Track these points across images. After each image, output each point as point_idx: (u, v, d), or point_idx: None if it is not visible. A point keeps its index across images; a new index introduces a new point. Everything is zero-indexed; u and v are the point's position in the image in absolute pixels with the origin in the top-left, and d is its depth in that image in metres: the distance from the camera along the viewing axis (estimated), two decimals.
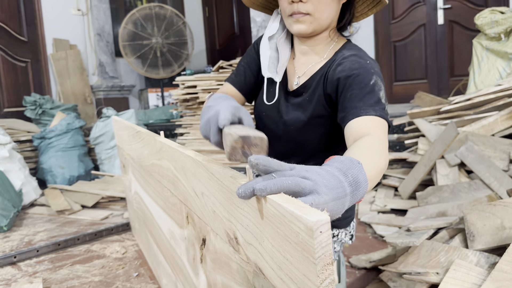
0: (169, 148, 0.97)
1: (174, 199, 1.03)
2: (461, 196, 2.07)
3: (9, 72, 4.34)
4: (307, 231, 0.42)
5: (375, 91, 0.99)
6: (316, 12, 1.04)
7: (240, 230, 0.62)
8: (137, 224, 1.93)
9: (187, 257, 1.01)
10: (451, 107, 2.48)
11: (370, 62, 1.04)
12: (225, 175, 0.64)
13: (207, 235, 0.82)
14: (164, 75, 5.15)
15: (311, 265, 0.43)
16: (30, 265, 1.91)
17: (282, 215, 0.48)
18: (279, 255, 0.51)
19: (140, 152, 1.40)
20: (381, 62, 5.13)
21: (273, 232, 0.51)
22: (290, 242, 0.47)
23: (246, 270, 0.64)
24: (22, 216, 2.76)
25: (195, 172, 0.80)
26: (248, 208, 0.58)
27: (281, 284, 0.52)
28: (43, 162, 3.54)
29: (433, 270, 1.27)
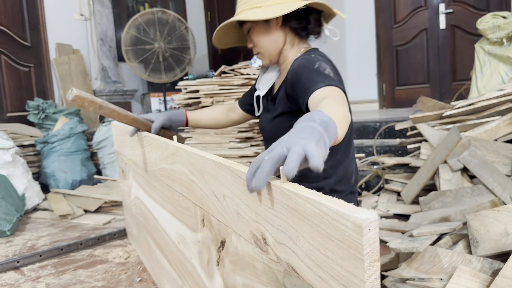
0: (185, 152, 0.98)
1: (187, 202, 1.03)
2: (464, 201, 2.06)
3: (12, 76, 4.36)
4: (356, 229, 0.44)
5: (320, 71, 1.13)
6: (262, 50, 1.33)
7: (270, 231, 0.63)
8: (135, 230, 1.92)
9: (200, 261, 1.01)
10: (454, 112, 2.48)
11: (314, 56, 1.21)
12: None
13: (227, 237, 0.82)
14: (166, 79, 5.16)
15: (358, 262, 0.45)
16: (33, 270, 1.91)
17: (324, 214, 0.49)
18: (318, 253, 0.52)
19: (147, 157, 1.41)
20: (383, 66, 5.14)
21: (312, 231, 0.52)
22: (333, 240, 0.48)
23: (275, 270, 0.65)
24: (25, 221, 2.76)
25: (217, 175, 0.80)
26: (281, 209, 0.59)
27: (319, 282, 0.53)
28: (46, 166, 3.55)
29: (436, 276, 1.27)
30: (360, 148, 3.26)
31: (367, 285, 0.45)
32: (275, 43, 1.32)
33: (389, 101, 5.16)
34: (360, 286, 0.45)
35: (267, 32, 1.31)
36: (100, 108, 1.29)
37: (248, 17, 1.23)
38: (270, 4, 1.23)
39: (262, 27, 1.30)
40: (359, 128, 3.66)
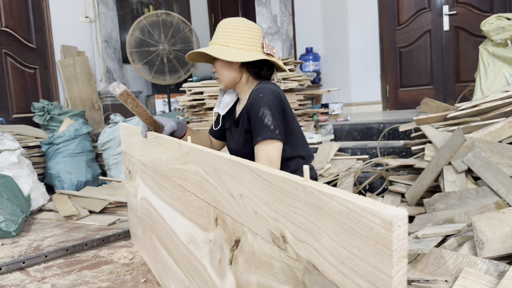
0: (200, 152, 0.99)
1: (200, 202, 1.04)
2: (469, 203, 2.06)
3: (18, 78, 4.38)
4: (385, 225, 0.45)
5: (262, 119, 1.47)
6: (221, 78, 1.63)
7: (290, 229, 0.64)
8: (139, 231, 1.93)
9: (211, 260, 1.02)
10: (458, 113, 2.48)
11: (262, 95, 1.50)
12: (275, 176, 0.67)
13: (242, 236, 0.83)
14: (170, 81, 5.18)
15: (386, 258, 0.46)
16: (38, 270, 1.93)
17: (351, 211, 0.50)
18: (342, 250, 0.53)
19: (157, 157, 1.42)
20: (386, 68, 5.14)
21: (337, 228, 0.53)
22: (360, 237, 0.49)
23: (294, 267, 0.65)
24: (30, 222, 2.78)
25: (234, 174, 0.82)
26: (304, 207, 0.60)
27: (342, 279, 0.54)
28: (51, 167, 3.57)
29: (441, 277, 1.27)
30: (363, 150, 3.26)
31: (395, 280, 0.45)
32: (232, 77, 1.62)
33: (392, 103, 5.16)
34: (387, 281, 0.46)
35: (228, 67, 1.60)
36: (137, 106, 1.51)
37: (215, 54, 1.51)
38: (237, 47, 1.54)
39: (224, 62, 1.59)
40: (362, 130, 3.67)
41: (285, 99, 1.58)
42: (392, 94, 5.15)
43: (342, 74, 5.46)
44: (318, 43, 5.63)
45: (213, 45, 1.58)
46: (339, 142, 3.57)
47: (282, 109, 1.52)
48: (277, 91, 1.54)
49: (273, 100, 1.49)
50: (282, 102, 1.53)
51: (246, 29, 1.57)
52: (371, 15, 5.20)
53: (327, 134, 3.67)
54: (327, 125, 3.76)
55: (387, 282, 0.46)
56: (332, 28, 5.52)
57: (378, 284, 0.48)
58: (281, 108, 1.51)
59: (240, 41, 1.55)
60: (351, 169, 3.00)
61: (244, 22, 1.59)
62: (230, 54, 1.52)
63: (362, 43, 5.31)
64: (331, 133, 3.73)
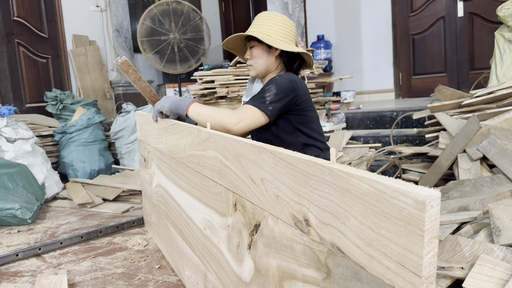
0: (220, 137, 1.00)
1: (219, 188, 1.05)
2: (484, 191, 2.04)
3: (30, 68, 4.41)
4: (418, 205, 0.45)
5: (265, 91, 1.51)
6: (255, 65, 1.68)
7: (315, 212, 0.64)
8: (154, 218, 1.95)
9: (228, 245, 1.03)
10: (473, 100, 2.45)
11: (278, 77, 1.56)
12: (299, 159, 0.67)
13: (262, 220, 0.84)
14: (181, 70, 5.17)
15: (417, 238, 0.46)
16: (54, 257, 1.95)
17: (381, 192, 0.50)
18: (369, 232, 0.53)
19: (174, 144, 1.42)
20: (399, 55, 5.07)
21: (365, 210, 0.53)
22: (389, 218, 0.49)
23: (317, 250, 0.66)
24: (45, 209, 2.81)
25: (256, 159, 0.82)
26: (329, 189, 0.60)
27: (368, 261, 0.54)
28: (64, 156, 3.60)
29: (457, 265, 1.26)
30: (376, 138, 3.24)
31: (425, 261, 0.45)
32: (268, 65, 1.68)
33: (405, 91, 5.10)
34: (417, 262, 0.46)
35: (266, 54, 1.66)
36: (139, 79, 1.55)
37: (261, 37, 1.58)
38: (277, 38, 1.61)
39: (264, 49, 1.65)
40: (375, 118, 3.64)
41: (303, 90, 1.59)
42: (405, 82, 5.09)
43: (354, 62, 5.41)
44: (330, 30, 5.57)
45: (254, 32, 1.62)
46: (351, 131, 3.55)
47: (292, 96, 1.54)
48: (295, 80, 1.56)
49: (285, 84, 1.53)
50: (295, 90, 1.55)
51: (286, 23, 1.64)
52: (383, 2, 5.12)
53: (339, 123, 3.65)
54: (339, 114, 3.74)
55: (417, 262, 0.46)
56: (344, 15, 5.46)
57: (407, 264, 0.48)
58: (290, 95, 1.54)
59: (280, 33, 1.62)
60: (363, 158, 2.98)
61: (283, 16, 1.66)
62: (274, 41, 1.58)
63: (375, 30, 5.25)
64: (343, 121, 3.71)
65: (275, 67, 1.70)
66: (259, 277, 0.88)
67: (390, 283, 0.52)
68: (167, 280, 1.60)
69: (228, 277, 1.07)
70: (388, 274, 0.52)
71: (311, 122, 1.65)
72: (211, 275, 1.20)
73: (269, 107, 1.49)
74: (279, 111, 1.52)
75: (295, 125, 1.61)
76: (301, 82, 1.60)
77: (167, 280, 1.60)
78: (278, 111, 1.52)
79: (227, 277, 1.08)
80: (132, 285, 1.58)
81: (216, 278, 1.16)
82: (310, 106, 1.64)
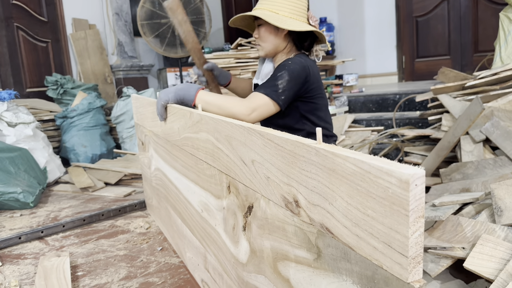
0: (211, 119, 0.98)
1: (212, 170, 1.04)
2: (486, 173, 2.03)
3: (30, 52, 4.38)
4: (401, 185, 0.44)
5: (277, 78, 1.45)
6: (264, 45, 1.60)
7: (304, 193, 0.64)
8: (155, 201, 1.95)
9: (225, 227, 1.02)
10: (476, 82, 2.41)
11: (291, 61, 1.50)
12: (287, 140, 0.66)
13: (255, 202, 0.83)
14: (182, 54, 5.13)
15: (402, 218, 0.45)
16: (56, 239, 1.96)
17: (366, 171, 0.49)
18: (356, 212, 0.53)
19: (169, 127, 1.41)
20: (402, 38, 5.02)
21: (351, 190, 0.53)
22: (374, 198, 0.49)
23: (307, 231, 0.65)
24: (47, 193, 2.82)
25: (246, 140, 0.81)
26: (317, 170, 0.59)
27: (356, 241, 0.54)
28: (65, 141, 3.60)
29: (459, 245, 1.25)
30: (378, 121, 3.22)
31: (411, 241, 0.44)
32: (276, 45, 1.60)
33: (408, 74, 5.05)
34: (403, 242, 0.45)
35: (274, 34, 1.57)
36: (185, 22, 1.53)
37: (266, 18, 1.49)
38: (286, 16, 1.51)
39: (272, 29, 1.57)
40: (377, 101, 3.61)
41: (315, 76, 1.54)
42: (408, 65, 5.04)
43: (357, 45, 5.35)
44: (332, 12, 5.50)
45: (260, 10, 1.53)
46: (353, 114, 3.53)
47: (303, 83, 1.50)
48: (307, 66, 1.50)
49: (298, 71, 1.47)
50: (307, 77, 1.50)
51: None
52: None
53: (341, 106, 3.63)
54: (341, 97, 3.71)
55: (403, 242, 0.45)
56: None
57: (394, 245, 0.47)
58: (301, 82, 1.49)
59: (289, 9, 1.52)
60: (365, 141, 2.97)
61: None
62: (281, 21, 1.49)
63: (378, 12, 5.17)
64: (345, 104, 3.68)
65: (284, 47, 1.61)
66: (255, 258, 0.88)
67: (378, 263, 0.51)
68: (169, 262, 1.60)
69: (226, 258, 1.07)
70: (376, 255, 0.51)
71: (319, 110, 1.60)
72: (211, 257, 1.20)
73: (281, 96, 1.43)
74: (291, 99, 1.48)
75: (302, 113, 1.56)
76: (313, 67, 1.55)
77: (169, 262, 1.60)
78: (290, 99, 1.48)
79: (225, 258, 1.08)
80: (134, 266, 1.58)
81: (215, 259, 1.16)
82: (320, 93, 1.58)
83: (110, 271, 1.57)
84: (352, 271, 0.56)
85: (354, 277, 0.56)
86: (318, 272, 0.64)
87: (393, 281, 0.48)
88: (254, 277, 0.89)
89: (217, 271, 1.17)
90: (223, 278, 1.12)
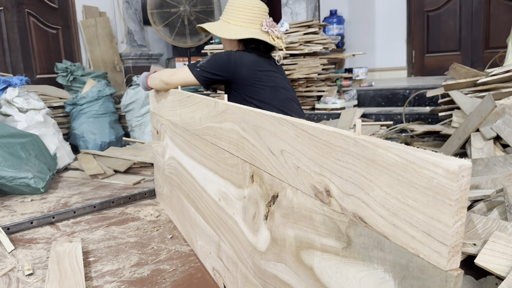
0: (238, 109, 0.99)
1: (235, 160, 1.05)
2: (496, 170, 2.03)
3: (40, 38, 4.40)
4: (448, 175, 0.45)
5: (201, 60, 1.70)
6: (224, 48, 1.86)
7: (337, 183, 0.65)
8: (166, 190, 1.96)
9: (244, 216, 1.04)
10: (489, 79, 2.41)
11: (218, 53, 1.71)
12: (323, 130, 0.67)
13: (280, 192, 0.84)
14: (191, 44, 5.13)
15: (446, 207, 0.46)
16: (67, 225, 1.99)
17: (409, 162, 0.50)
18: (395, 202, 0.53)
19: (189, 116, 1.42)
20: (413, 32, 4.99)
21: (391, 180, 0.54)
22: (417, 188, 0.50)
23: (338, 220, 0.66)
24: (57, 179, 2.85)
25: (276, 130, 0.82)
26: (354, 160, 0.60)
27: (392, 230, 0.55)
28: (75, 128, 3.62)
29: (470, 241, 1.26)
30: (388, 116, 3.22)
31: (453, 230, 0.45)
32: (232, 48, 1.79)
33: (417, 69, 5.03)
34: (444, 231, 0.46)
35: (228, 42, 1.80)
36: None
37: (212, 31, 1.76)
38: (236, 24, 1.73)
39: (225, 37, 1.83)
40: (387, 96, 3.60)
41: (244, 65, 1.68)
42: (418, 59, 5.01)
43: (367, 39, 5.33)
44: (343, 5, 5.47)
45: (219, 21, 1.80)
46: (362, 108, 3.52)
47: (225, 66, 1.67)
48: (233, 53, 1.69)
49: (221, 56, 1.68)
50: (231, 62, 1.67)
51: (247, 7, 1.73)
52: None
53: (350, 100, 3.62)
54: (350, 91, 3.70)
55: (445, 231, 0.46)
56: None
57: (434, 234, 0.48)
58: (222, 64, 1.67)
59: (240, 18, 1.73)
60: (374, 135, 2.97)
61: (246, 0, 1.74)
62: (226, 31, 1.73)
63: (389, 6, 5.14)
64: (355, 98, 3.68)
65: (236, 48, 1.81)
66: (275, 246, 0.89)
67: (414, 252, 0.52)
68: (180, 250, 1.62)
69: (242, 247, 1.08)
70: (413, 243, 0.52)
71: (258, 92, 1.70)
72: (225, 245, 1.21)
73: (197, 69, 1.67)
74: (209, 76, 1.68)
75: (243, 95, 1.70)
76: (243, 57, 1.68)
77: (180, 250, 1.62)
78: (208, 76, 1.68)
79: (241, 247, 1.09)
80: (145, 253, 1.60)
81: (230, 248, 1.17)
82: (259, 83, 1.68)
83: (121, 258, 1.59)
84: (385, 260, 0.57)
85: (387, 265, 0.57)
86: (346, 261, 0.65)
87: (430, 269, 0.49)
88: (273, 265, 0.91)
89: (231, 260, 1.18)
90: (237, 266, 1.14)
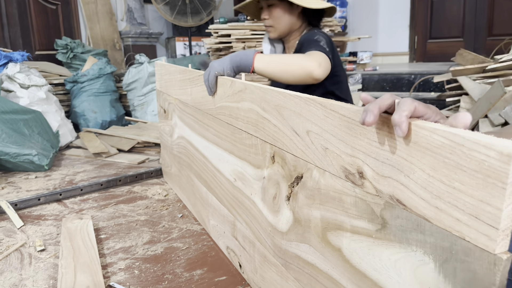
0: (258, 88, 0.98)
1: (254, 140, 1.04)
2: None
3: (39, 14, 4.31)
4: (502, 158, 0.45)
5: (317, 40, 1.40)
6: (277, 25, 1.57)
7: (372, 165, 0.64)
8: (174, 169, 1.96)
9: (263, 196, 1.03)
10: (498, 65, 2.41)
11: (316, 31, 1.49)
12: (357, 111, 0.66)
13: (305, 173, 0.83)
14: (192, 23, 5.06)
15: (498, 190, 0.45)
16: (75, 202, 1.98)
17: (458, 144, 0.50)
18: (439, 184, 0.53)
19: (201, 96, 1.40)
20: (416, 17, 4.95)
21: (436, 163, 0.53)
22: (465, 171, 0.49)
23: (371, 202, 0.66)
24: (60, 157, 2.83)
25: (301, 111, 0.81)
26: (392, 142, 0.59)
27: (435, 213, 0.54)
28: (75, 106, 3.58)
29: None
30: None
31: (504, 213, 0.45)
32: (291, 24, 1.57)
33: (420, 54, 5.01)
34: (495, 214, 0.46)
35: (288, 13, 1.54)
36: None
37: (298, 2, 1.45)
38: None
39: (286, 7, 1.53)
40: (392, 80, 3.59)
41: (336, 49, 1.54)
42: (420, 45, 4.99)
43: (370, 22, 5.29)
44: None
45: None
46: (367, 92, 3.51)
47: (333, 48, 1.49)
48: (329, 36, 1.51)
49: (327, 37, 1.47)
50: (333, 44, 1.50)
51: None
52: None
53: (355, 84, 3.61)
54: (355, 74, 3.69)
55: (495, 215, 0.46)
56: None
57: (482, 217, 0.48)
58: (332, 47, 1.47)
59: None
60: None
61: None
62: None
63: None
64: (359, 82, 3.67)
65: (298, 26, 1.59)
66: (298, 227, 0.89)
67: (459, 235, 0.52)
68: (191, 229, 1.62)
69: (261, 227, 1.08)
70: (458, 226, 0.52)
71: (341, 83, 1.60)
72: (241, 225, 1.22)
73: (327, 50, 1.36)
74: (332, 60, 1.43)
75: (327, 87, 1.55)
76: None
77: (191, 229, 1.62)
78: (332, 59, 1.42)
79: (259, 227, 1.09)
80: (157, 231, 1.61)
81: (247, 228, 1.18)
82: (341, 65, 1.59)
83: (133, 235, 1.59)
84: (425, 242, 0.57)
85: (427, 248, 0.57)
86: (380, 242, 0.65)
87: (476, 252, 0.49)
88: (296, 246, 0.91)
89: (247, 239, 1.18)
90: (254, 246, 1.14)
